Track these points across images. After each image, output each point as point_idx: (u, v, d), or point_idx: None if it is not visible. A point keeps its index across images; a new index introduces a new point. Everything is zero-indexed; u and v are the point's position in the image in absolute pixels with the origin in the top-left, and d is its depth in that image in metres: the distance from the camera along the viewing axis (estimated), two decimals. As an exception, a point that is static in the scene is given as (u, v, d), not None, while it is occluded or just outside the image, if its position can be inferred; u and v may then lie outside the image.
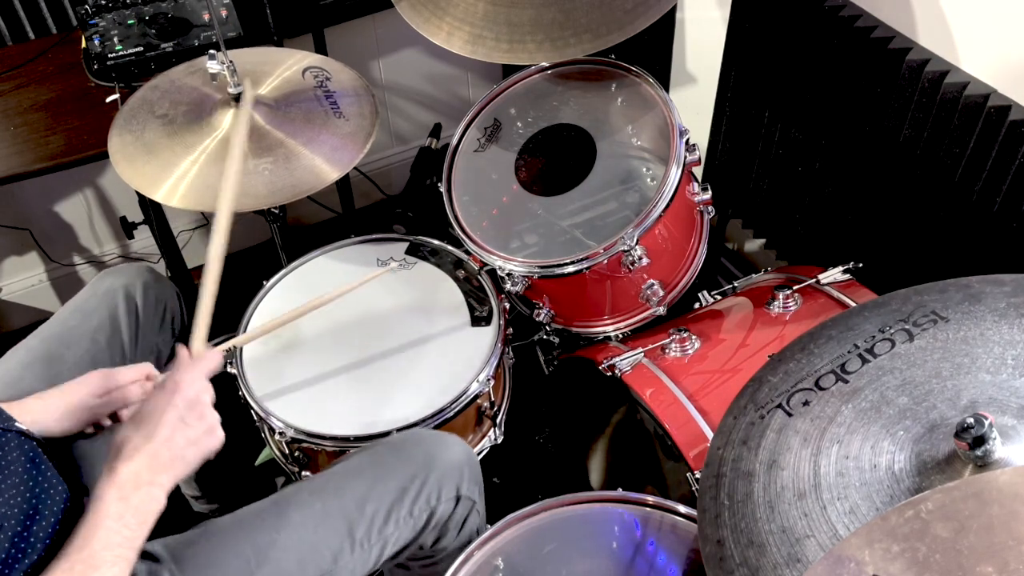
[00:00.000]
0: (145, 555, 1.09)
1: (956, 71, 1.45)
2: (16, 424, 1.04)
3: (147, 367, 1.25)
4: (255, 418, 1.43)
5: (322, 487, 1.20)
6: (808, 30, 1.67)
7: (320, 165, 1.46)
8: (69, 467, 1.23)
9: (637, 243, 1.43)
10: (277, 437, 1.39)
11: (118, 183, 2.18)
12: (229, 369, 1.44)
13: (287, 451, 1.45)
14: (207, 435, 1.03)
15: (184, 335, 1.53)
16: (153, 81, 1.60)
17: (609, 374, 1.43)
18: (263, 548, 1.13)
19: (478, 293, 1.54)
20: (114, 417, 1.23)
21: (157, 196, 1.43)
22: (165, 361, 1.50)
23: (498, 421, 1.51)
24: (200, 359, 1.09)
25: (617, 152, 1.57)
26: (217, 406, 1.08)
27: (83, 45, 1.80)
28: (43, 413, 1.15)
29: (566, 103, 1.65)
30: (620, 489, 1.23)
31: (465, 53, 1.59)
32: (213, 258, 1.16)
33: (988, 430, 0.77)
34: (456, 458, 1.26)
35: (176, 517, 1.69)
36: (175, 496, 1.79)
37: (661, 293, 1.54)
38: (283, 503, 1.18)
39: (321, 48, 2.07)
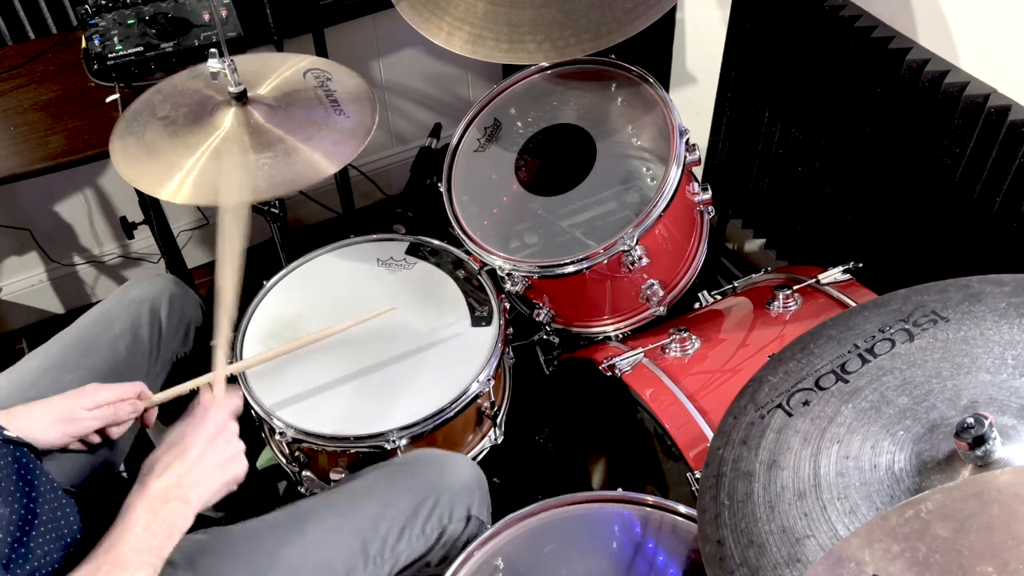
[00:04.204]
0: None
1: (956, 71, 1.45)
2: (4, 432, 1.04)
3: (139, 386, 1.26)
4: (255, 419, 1.43)
5: (338, 504, 1.22)
6: (808, 30, 1.67)
7: (319, 159, 1.46)
8: (74, 475, 1.23)
9: (637, 243, 1.43)
10: (278, 437, 1.39)
11: (118, 183, 2.19)
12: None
13: (287, 451, 1.45)
14: (234, 460, 1.09)
15: (204, 346, 1.53)
16: (156, 86, 1.60)
17: (609, 374, 1.43)
18: (279, 561, 1.14)
19: (478, 293, 1.54)
20: (102, 434, 1.23)
21: (161, 195, 1.43)
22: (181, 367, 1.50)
23: (498, 421, 1.51)
24: (225, 400, 1.14)
25: (617, 152, 1.57)
26: None
27: (83, 45, 1.80)
28: (29, 421, 1.15)
29: (566, 103, 1.65)
30: (620, 489, 1.23)
31: (465, 53, 1.59)
32: (225, 304, 1.19)
33: (988, 430, 0.77)
34: (468, 479, 1.28)
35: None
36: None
37: (661, 293, 1.54)
38: (299, 517, 1.20)
39: (321, 48, 2.07)
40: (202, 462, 1.05)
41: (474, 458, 1.50)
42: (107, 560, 0.94)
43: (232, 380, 1.43)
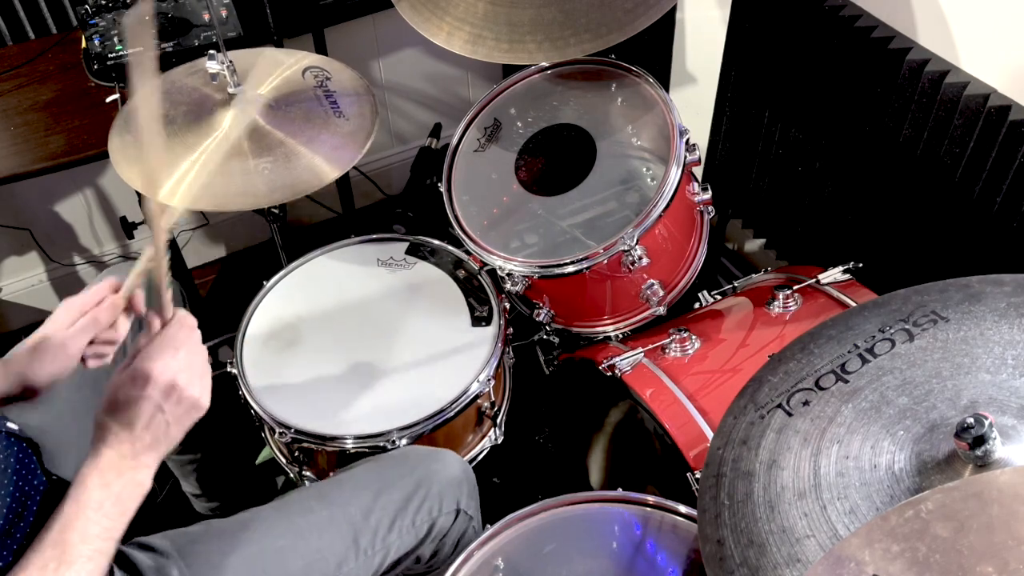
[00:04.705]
0: (150, 548, 1.09)
1: (956, 71, 1.45)
2: (7, 424, 1.04)
3: (110, 281, 1.17)
4: (255, 418, 1.43)
5: (328, 495, 1.22)
6: (808, 30, 1.67)
7: (320, 164, 1.46)
8: (69, 471, 1.23)
9: (637, 243, 1.43)
10: (277, 437, 1.39)
11: (118, 183, 2.18)
12: (229, 369, 1.44)
13: (287, 451, 1.45)
14: (189, 411, 0.98)
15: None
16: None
17: (609, 374, 1.42)
18: (270, 552, 1.14)
19: (478, 293, 1.54)
20: (95, 348, 1.16)
21: (157, 196, 1.42)
22: None
23: (498, 421, 1.51)
24: (170, 331, 1.01)
25: (617, 152, 1.57)
26: (217, 406, 1.05)
27: (83, 45, 1.80)
28: (27, 362, 1.11)
29: (566, 103, 1.65)
30: (620, 489, 1.23)
31: (465, 53, 1.59)
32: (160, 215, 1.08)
33: (988, 430, 0.77)
34: (456, 473, 1.29)
35: (177, 516, 1.70)
36: (176, 495, 1.80)
37: (661, 293, 1.54)
38: (290, 509, 1.19)
39: (321, 48, 2.07)
40: (152, 427, 0.94)
41: (474, 458, 1.50)
42: (54, 555, 0.87)
43: (231, 375, 1.43)
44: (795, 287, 1.51)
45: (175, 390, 0.97)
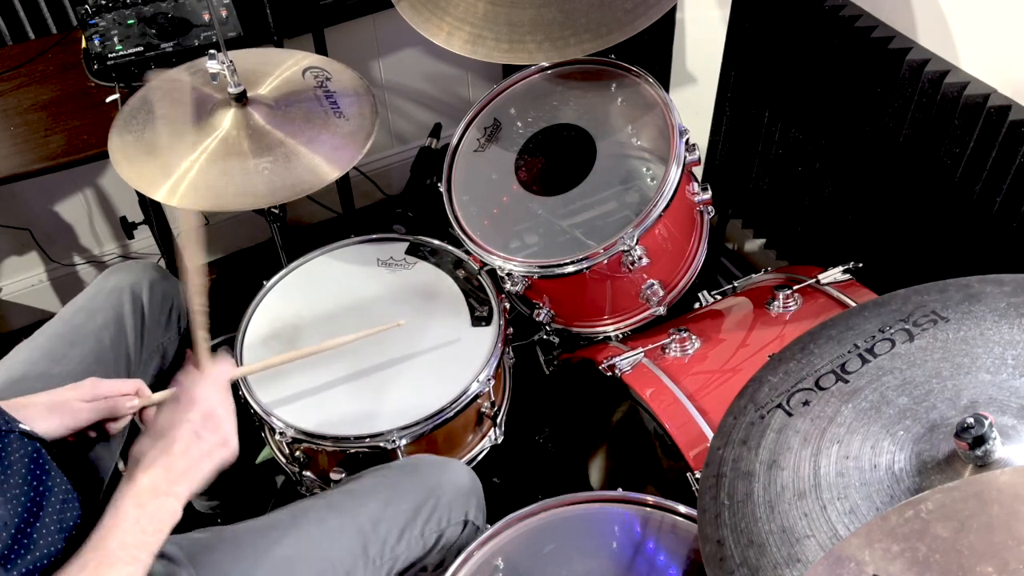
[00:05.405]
0: (161, 554, 1.10)
1: (956, 71, 1.45)
2: (20, 426, 1.05)
3: (138, 383, 1.24)
4: (255, 418, 1.43)
5: (339, 504, 1.23)
6: (808, 30, 1.67)
7: (320, 164, 1.46)
8: (75, 467, 1.23)
9: (637, 243, 1.43)
10: (277, 437, 1.39)
11: (118, 183, 2.19)
12: (229, 369, 1.44)
13: (287, 451, 1.45)
14: (221, 447, 1.07)
15: (189, 331, 1.53)
16: (154, 81, 1.60)
17: (609, 374, 1.43)
18: (280, 561, 1.15)
19: (478, 293, 1.54)
20: (99, 428, 1.22)
21: (157, 196, 1.43)
22: (171, 360, 1.50)
23: (498, 421, 1.51)
24: (211, 371, 1.12)
25: (617, 152, 1.57)
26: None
27: (83, 45, 1.80)
28: (27, 411, 1.15)
29: (566, 103, 1.65)
30: (620, 489, 1.23)
31: (465, 53, 1.59)
32: (192, 271, 1.19)
33: (988, 430, 0.77)
34: (465, 484, 1.29)
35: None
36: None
37: (661, 293, 1.54)
38: (301, 517, 1.20)
39: (321, 48, 2.07)
40: (188, 454, 1.03)
41: (474, 458, 1.50)
42: (95, 557, 0.93)
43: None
44: (795, 287, 1.51)
45: (213, 418, 1.07)
